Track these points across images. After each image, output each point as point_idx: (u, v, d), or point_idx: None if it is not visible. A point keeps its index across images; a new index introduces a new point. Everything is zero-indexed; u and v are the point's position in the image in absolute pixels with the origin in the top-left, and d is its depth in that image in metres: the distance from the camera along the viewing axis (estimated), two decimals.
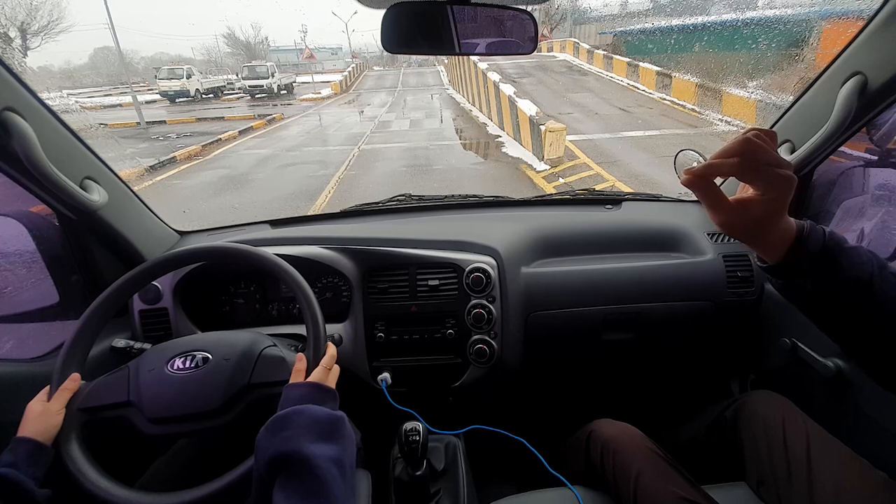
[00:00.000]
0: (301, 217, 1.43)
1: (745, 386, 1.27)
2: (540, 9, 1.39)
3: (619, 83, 14.07)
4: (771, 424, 0.85)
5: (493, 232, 1.18)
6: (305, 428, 0.58)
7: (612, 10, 28.11)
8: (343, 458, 0.57)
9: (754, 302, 1.14)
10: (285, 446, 0.55)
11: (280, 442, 0.56)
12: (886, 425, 0.80)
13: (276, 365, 0.75)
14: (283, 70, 23.83)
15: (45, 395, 0.70)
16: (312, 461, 0.54)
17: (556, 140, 6.68)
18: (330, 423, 0.60)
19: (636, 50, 16.06)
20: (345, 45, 53.19)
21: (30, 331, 1.04)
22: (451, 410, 1.14)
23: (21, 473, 0.60)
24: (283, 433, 0.57)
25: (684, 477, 0.78)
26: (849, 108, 0.81)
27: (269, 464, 0.55)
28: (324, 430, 0.59)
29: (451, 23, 0.83)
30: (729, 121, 8.76)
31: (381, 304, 1.11)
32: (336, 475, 0.54)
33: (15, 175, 0.83)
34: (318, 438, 0.57)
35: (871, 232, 1.04)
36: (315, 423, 0.59)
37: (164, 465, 0.91)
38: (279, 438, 0.57)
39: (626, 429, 0.88)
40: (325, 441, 0.57)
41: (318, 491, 0.52)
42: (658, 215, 1.34)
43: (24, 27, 17.93)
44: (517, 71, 16.61)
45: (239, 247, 0.82)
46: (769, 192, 0.47)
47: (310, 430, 0.58)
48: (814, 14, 8.48)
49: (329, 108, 15.99)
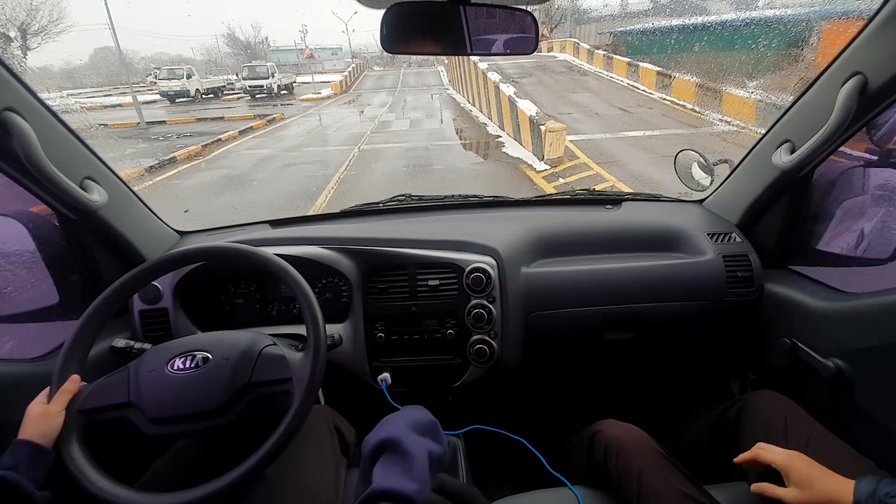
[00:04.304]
0: (301, 217, 1.43)
1: (745, 386, 1.27)
2: (540, 9, 1.38)
3: (619, 83, 14.07)
4: (773, 424, 0.85)
5: (493, 232, 1.18)
6: (405, 424, 0.67)
7: (612, 10, 28.13)
8: (435, 451, 0.65)
9: (754, 302, 1.14)
10: (384, 434, 0.64)
11: (382, 432, 0.65)
12: (887, 425, 0.80)
13: (277, 364, 0.75)
14: (283, 70, 23.82)
15: (45, 397, 0.70)
16: (407, 444, 0.62)
17: (556, 140, 6.68)
18: (425, 424, 0.69)
19: (636, 50, 16.07)
20: (345, 46, 53.13)
21: (30, 331, 1.04)
22: (451, 410, 1.14)
23: (21, 476, 0.60)
24: (386, 426, 0.66)
25: (687, 476, 0.78)
26: (849, 108, 0.81)
27: (372, 452, 0.63)
28: (420, 428, 0.67)
29: (451, 23, 0.83)
30: (729, 121, 8.76)
31: (381, 304, 1.11)
32: (425, 460, 0.61)
33: (15, 175, 0.83)
34: (415, 432, 0.66)
35: (871, 232, 1.04)
36: (414, 422, 0.68)
37: (164, 466, 0.91)
38: (382, 430, 0.66)
39: (631, 429, 0.88)
40: (421, 435, 0.66)
41: (410, 466, 0.60)
42: (658, 215, 1.34)
43: (24, 27, 17.94)
44: (517, 71, 16.60)
45: (239, 247, 0.82)
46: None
47: (409, 426, 0.66)
48: (814, 14, 8.49)
49: (329, 109, 15.99)
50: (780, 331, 1.05)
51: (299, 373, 0.73)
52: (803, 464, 0.69)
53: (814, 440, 0.80)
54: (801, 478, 0.67)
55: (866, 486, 0.61)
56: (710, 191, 1.34)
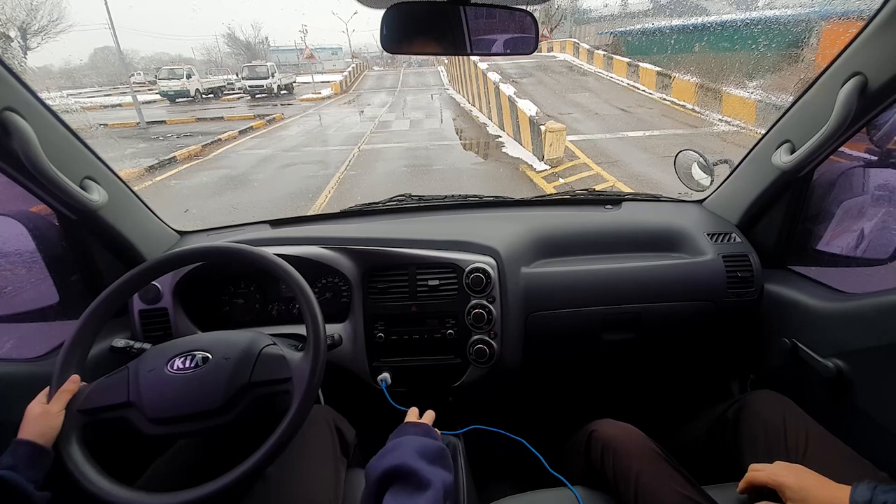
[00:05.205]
0: (301, 217, 1.43)
1: (744, 386, 1.27)
2: (540, 9, 1.38)
3: (619, 83, 14.07)
4: (772, 424, 0.85)
5: (493, 232, 1.18)
6: (413, 451, 0.64)
7: (612, 10, 28.11)
8: (448, 483, 0.62)
9: (754, 302, 1.14)
10: (395, 461, 0.62)
11: (390, 459, 0.63)
12: (887, 426, 0.80)
13: (277, 363, 0.75)
14: (283, 70, 23.85)
15: (45, 397, 0.70)
16: (420, 473, 0.60)
17: (556, 140, 6.68)
18: (434, 450, 0.66)
19: (636, 50, 16.06)
20: (345, 45, 53.22)
21: (30, 331, 1.04)
22: (451, 410, 1.14)
23: (20, 476, 0.60)
24: (394, 453, 0.64)
25: (685, 476, 0.78)
26: (849, 109, 0.81)
27: (379, 480, 0.61)
28: (429, 455, 0.65)
29: (451, 23, 0.83)
30: (729, 121, 8.76)
31: (381, 304, 1.11)
32: (440, 492, 0.59)
33: (15, 175, 0.83)
34: (425, 460, 0.63)
35: (871, 232, 1.04)
36: (423, 447, 0.66)
37: (164, 465, 0.91)
38: (390, 457, 0.63)
39: (628, 429, 0.88)
40: (429, 463, 0.63)
41: (428, 499, 0.57)
42: (658, 215, 1.34)
43: (24, 27, 17.95)
44: (517, 71, 16.60)
45: (239, 247, 0.82)
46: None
47: (418, 453, 0.64)
48: (814, 14, 8.49)
49: (329, 108, 15.99)
50: (780, 331, 1.05)
51: (299, 373, 0.73)
52: (793, 478, 0.68)
53: (813, 440, 0.80)
54: (795, 493, 0.67)
55: (862, 493, 0.61)
56: (710, 191, 1.34)
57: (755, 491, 0.74)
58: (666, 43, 14.48)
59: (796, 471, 0.70)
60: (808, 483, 0.67)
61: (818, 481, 0.67)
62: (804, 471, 0.70)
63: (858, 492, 0.61)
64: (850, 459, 0.76)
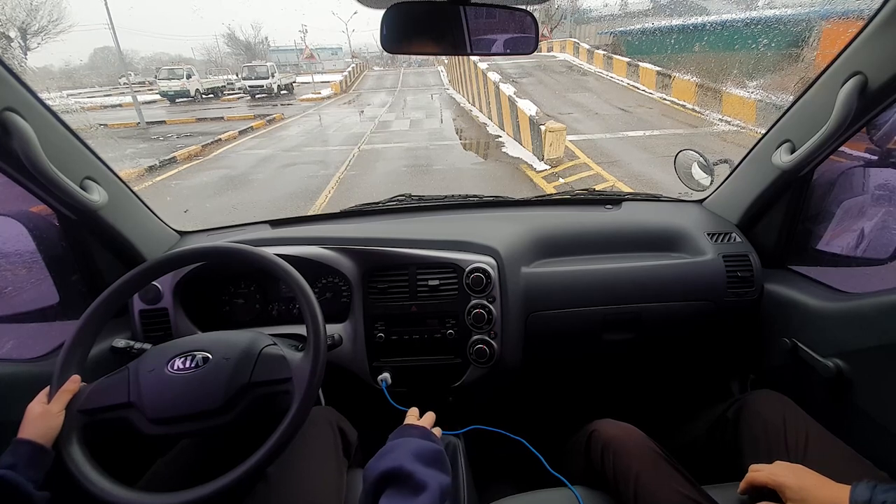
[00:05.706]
0: (301, 217, 1.43)
1: (745, 386, 1.27)
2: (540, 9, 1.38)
3: (619, 83, 14.07)
4: (772, 424, 0.85)
5: (493, 232, 1.18)
6: (410, 453, 0.64)
7: (612, 10, 28.15)
8: (445, 484, 0.62)
9: (754, 302, 1.14)
10: (391, 464, 0.62)
11: (387, 461, 0.63)
12: (887, 426, 0.80)
13: (277, 363, 0.75)
14: (283, 70, 23.85)
15: (45, 397, 0.70)
16: (416, 475, 0.59)
17: (556, 140, 6.68)
18: (431, 452, 0.66)
19: (636, 50, 16.06)
20: (345, 45, 53.13)
21: (30, 331, 1.04)
22: (451, 410, 1.14)
23: (20, 475, 0.60)
24: (390, 455, 0.64)
25: (685, 476, 0.78)
26: (849, 108, 0.81)
27: (376, 482, 0.61)
28: (426, 458, 0.64)
29: (451, 23, 0.83)
30: (729, 121, 8.76)
31: (381, 304, 1.11)
32: (436, 494, 0.59)
33: (15, 175, 0.83)
34: (421, 462, 0.63)
35: (871, 232, 1.04)
36: (420, 449, 0.65)
37: (164, 466, 0.91)
38: (386, 459, 0.63)
39: (628, 429, 0.88)
40: (426, 466, 0.63)
41: (423, 501, 0.57)
42: (658, 215, 1.34)
43: (24, 27, 17.95)
44: (517, 71, 16.61)
45: (239, 247, 0.82)
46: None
47: (414, 455, 0.64)
48: (814, 14, 8.49)
49: (329, 109, 15.99)
50: (780, 331, 1.05)
51: (299, 373, 0.73)
52: (793, 478, 0.68)
53: (813, 440, 0.80)
54: (795, 493, 0.67)
55: (862, 492, 0.61)
56: (710, 191, 1.34)
57: (755, 491, 0.74)
58: (666, 43, 14.49)
59: (796, 471, 0.70)
60: (808, 483, 0.67)
61: (818, 481, 0.67)
62: (804, 471, 0.70)
63: (858, 491, 0.61)
64: (850, 459, 0.76)
